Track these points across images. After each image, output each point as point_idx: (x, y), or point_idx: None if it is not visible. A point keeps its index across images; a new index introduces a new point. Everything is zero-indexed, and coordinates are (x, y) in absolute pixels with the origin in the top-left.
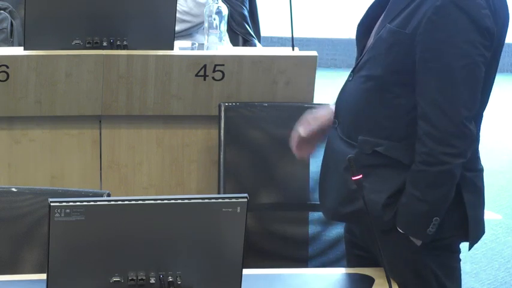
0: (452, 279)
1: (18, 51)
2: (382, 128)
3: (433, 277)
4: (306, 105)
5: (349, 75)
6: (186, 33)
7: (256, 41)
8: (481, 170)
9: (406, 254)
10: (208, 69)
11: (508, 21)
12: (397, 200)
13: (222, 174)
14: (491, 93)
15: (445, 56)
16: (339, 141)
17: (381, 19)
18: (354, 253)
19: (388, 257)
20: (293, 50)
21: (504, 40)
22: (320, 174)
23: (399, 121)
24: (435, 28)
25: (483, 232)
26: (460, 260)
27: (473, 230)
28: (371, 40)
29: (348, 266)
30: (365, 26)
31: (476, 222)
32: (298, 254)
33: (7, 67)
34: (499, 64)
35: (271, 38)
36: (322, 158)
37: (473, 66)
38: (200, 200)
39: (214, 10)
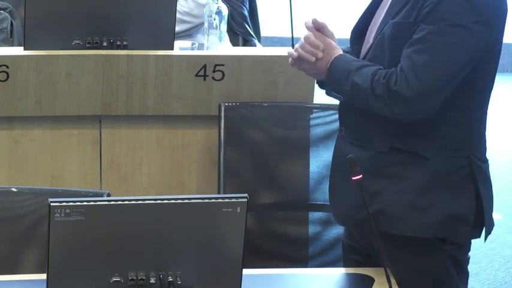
0: (463, 280)
1: (18, 51)
2: (395, 125)
3: (450, 280)
4: (306, 105)
5: None
6: (187, 34)
7: (256, 41)
8: (488, 161)
9: (425, 259)
10: (208, 69)
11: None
12: (427, 201)
13: (222, 174)
14: (491, 93)
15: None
16: (349, 147)
17: (382, 18)
18: (352, 259)
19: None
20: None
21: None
22: (330, 180)
23: None
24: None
25: (493, 224)
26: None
27: (488, 221)
28: (367, 44)
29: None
30: (358, 32)
31: (490, 213)
32: (298, 254)
33: (7, 67)
34: (499, 64)
35: (271, 38)
36: (321, 159)
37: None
38: (200, 200)
39: (214, 10)
